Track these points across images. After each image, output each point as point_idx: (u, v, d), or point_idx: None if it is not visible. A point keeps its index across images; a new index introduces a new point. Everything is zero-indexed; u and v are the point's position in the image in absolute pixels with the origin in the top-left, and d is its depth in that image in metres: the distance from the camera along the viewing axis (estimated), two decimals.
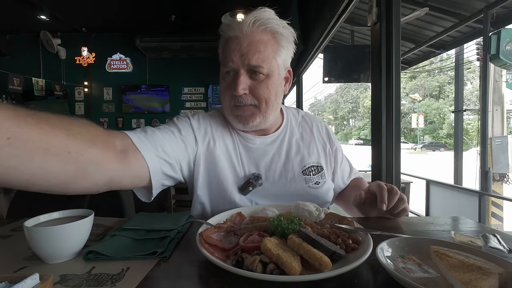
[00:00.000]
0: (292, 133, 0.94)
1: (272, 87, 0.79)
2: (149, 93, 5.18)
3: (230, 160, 0.84)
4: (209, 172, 0.82)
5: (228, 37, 0.78)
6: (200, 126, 0.85)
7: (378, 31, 1.39)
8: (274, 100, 0.82)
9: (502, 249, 0.52)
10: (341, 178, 1.01)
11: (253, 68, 0.76)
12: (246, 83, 0.77)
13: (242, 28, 0.76)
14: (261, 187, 0.83)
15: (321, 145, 0.95)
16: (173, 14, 4.22)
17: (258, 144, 0.88)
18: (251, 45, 0.75)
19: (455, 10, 3.81)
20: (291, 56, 0.85)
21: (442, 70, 25.63)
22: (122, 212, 1.10)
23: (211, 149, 0.83)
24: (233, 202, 0.81)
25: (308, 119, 1.00)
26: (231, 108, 0.82)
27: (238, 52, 0.75)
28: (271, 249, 0.44)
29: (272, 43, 0.78)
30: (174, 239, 0.60)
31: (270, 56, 0.77)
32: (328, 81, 4.22)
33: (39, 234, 0.50)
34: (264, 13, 0.77)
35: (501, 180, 4.90)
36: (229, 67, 0.77)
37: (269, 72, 0.78)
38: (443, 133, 31.29)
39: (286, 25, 0.81)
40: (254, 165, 0.86)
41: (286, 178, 0.86)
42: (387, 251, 0.49)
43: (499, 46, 4.10)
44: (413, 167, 12.33)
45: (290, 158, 0.88)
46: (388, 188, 0.71)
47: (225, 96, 0.82)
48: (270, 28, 0.77)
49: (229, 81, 0.79)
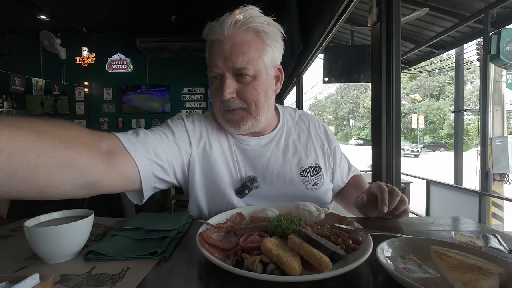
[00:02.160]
0: (288, 134, 0.92)
1: (260, 88, 0.77)
2: (149, 93, 5.19)
3: (227, 162, 0.83)
4: (205, 175, 0.81)
5: (212, 41, 0.76)
6: (195, 128, 0.83)
7: (378, 31, 1.39)
8: (264, 101, 0.79)
9: (502, 249, 0.51)
10: (340, 177, 1.00)
11: (238, 71, 0.74)
12: (233, 87, 0.75)
13: (223, 31, 0.73)
14: (258, 189, 0.82)
15: (319, 145, 0.93)
16: (173, 14, 4.22)
17: (253, 145, 0.86)
18: (233, 48, 0.73)
19: (455, 10, 3.81)
20: (280, 53, 0.82)
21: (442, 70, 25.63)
22: (122, 212, 1.10)
23: (207, 152, 0.81)
24: (231, 204, 0.79)
25: (305, 119, 0.98)
26: (222, 112, 0.80)
27: (221, 56, 0.73)
28: (271, 249, 0.44)
29: (257, 42, 0.75)
30: (174, 239, 0.60)
31: (255, 56, 0.74)
32: (328, 81, 4.22)
33: (39, 234, 0.50)
34: (246, 11, 0.74)
35: (501, 180, 4.90)
36: (215, 72, 0.76)
37: (255, 73, 0.75)
38: (443, 133, 31.28)
39: (271, 22, 0.78)
40: (250, 167, 0.84)
41: (284, 180, 0.84)
42: (387, 251, 0.49)
43: (499, 46, 4.10)
44: (413, 167, 12.33)
45: (287, 159, 0.87)
46: (389, 189, 0.70)
47: (215, 101, 0.80)
48: (253, 27, 0.74)
49: (217, 85, 0.78)
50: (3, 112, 5.01)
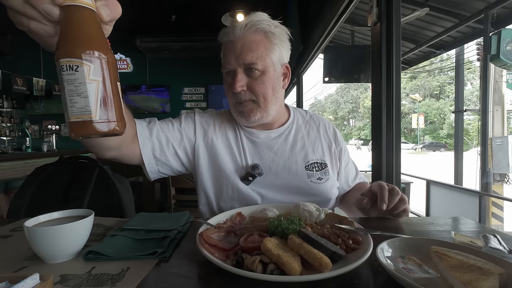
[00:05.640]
0: (298, 130, 0.98)
1: (268, 82, 0.85)
2: (149, 93, 5.18)
3: (232, 152, 0.91)
4: (211, 162, 0.90)
5: (225, 43, 0.86)
6: (203, 119, 0.95)
7: (378, 31, 1.39)
8: (272, 95, 0.87)
9: (503, 249, 0.51)
10: (345, 180, 1.01)
11: (248, 66, 0.82)
12: (243, 81, 0.83)
13: (235, 32, 0.82)
14: (263, 177, 0.88)
15: (327, 144, 0.98)
16: (173, 14, 4.22)
17: (262, 138, 0.93)
18: (244, 46, 0.82)
19: (455, 10, 3.81)
20: (287, 53, 0.90)
21: (442, 70, 25.63)
22: (122, 212, 1.10)
23: (212, 141, 0.91)
24: (236, 188, 0.87)
25: (316, 119, 1.04)
26: (234, 105, 0.88)
27: (233, 54, 0.82)
28: (271, 249, 0.44)
29: (265, 42, 0.83)
30: (174, 239, 0.60)
31: (263, 54, 0.83)
32: (328, 81, 4.21)
33: (39, 234, 0.50)
34: (256, 16, 0.84)
35: (501, 180, 4.90)
36: (227, 69, 0.85)
37: (263, 69, 0.83)
38: (444, 133, 31.27)
39: (279, 25, 0.86)
40: (257, 157, 0.91)
41: (289, 171, 0.90)
42: (387, 252, 0.49)
43: (499, 46, 4.10)
44: (413, 167, 12.33)
45: (294, 153, 0.93)
46: (389, 189, 0.71)
47: (228, 95, 0.89)
48: (261, 29, 0.83)
49: (230, 81, 0.86)
50: (3, 112, 5.02)
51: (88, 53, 0.39)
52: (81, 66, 0.38)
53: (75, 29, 0.39)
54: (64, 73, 0.38)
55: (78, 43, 0.39)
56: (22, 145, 5.00)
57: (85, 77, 0.38)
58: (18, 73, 4.59)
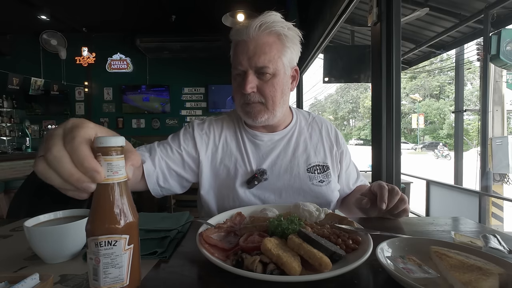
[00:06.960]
0: (300, 133, 0.98)
1: (278, 86, 0.84)
2: (150, 93, 5.18)
3: (234, 159, 0.91)
4: (213, 176, 0.90)
5: (237, 42, 0.85)
6: (202, 132, 0.93)
7: (378, 31, 1.39)
8: (281, 98, 0.87)
9: (502, 249, 0.51)
10: (346, 183, 1.01)
11: (260, 69, 0.81)
12: (254, 83, 0.83)
13: (249, 33, 0.81)
14: (266, 181, 0.89)
15: (328, 146, 0.98)
16: (173, 14, 4.22)
17: (265, 140, 0.94)
18: (257, 48, 0.81)
19: (455, 11, 3.81)
20: (297, 55, 0.90)
21: (442, 70, 25.62)
22: None
23: (214, 152, 0.92)
24: (237, 197, 0.86)
25: (319, 121, 1.04)
26: (242, 105, 0.88)
27: (246, 55, 0.81)
28: (271, 249, 0.44)
29: (277, 45, 0.83)
30: (174, 239, 0.60)
31: (275, 57, 0.82)
32: (328, 81, 4.21)
33: (39, 234, 0.50)
34: (270, 17, 0.82)
35: (501, 181, 4.90)
36: (238, 70, 0.84)
37: (275, 72, 0.83)
38: (443, 133, 31.25)
39: (292, 27, 0.86)
40: (260, 160, 0.91)
41: (291, 174, 0.90)
42: (387, 252, 0.49)
43: (499, 46, 4.10)
44: (413, 167, 12.33)
45: (296, 156, 0.93)
46: (389, 188, 0.71)
47: (236, 95, 0.89)
48: (275, 31, 0.82)
49: (240, 81, 0.85)
50: (3, 112, 5.01)
51: (126, 225, 0.38)
52: (120, 240, 0.37)
53: (114, 205, 0.37)
54: (101, 248, 0.37)
55: (119, 219, 0.37)
56: (22, 145, 4.99)
57: (121, 249, 0.37)
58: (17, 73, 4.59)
